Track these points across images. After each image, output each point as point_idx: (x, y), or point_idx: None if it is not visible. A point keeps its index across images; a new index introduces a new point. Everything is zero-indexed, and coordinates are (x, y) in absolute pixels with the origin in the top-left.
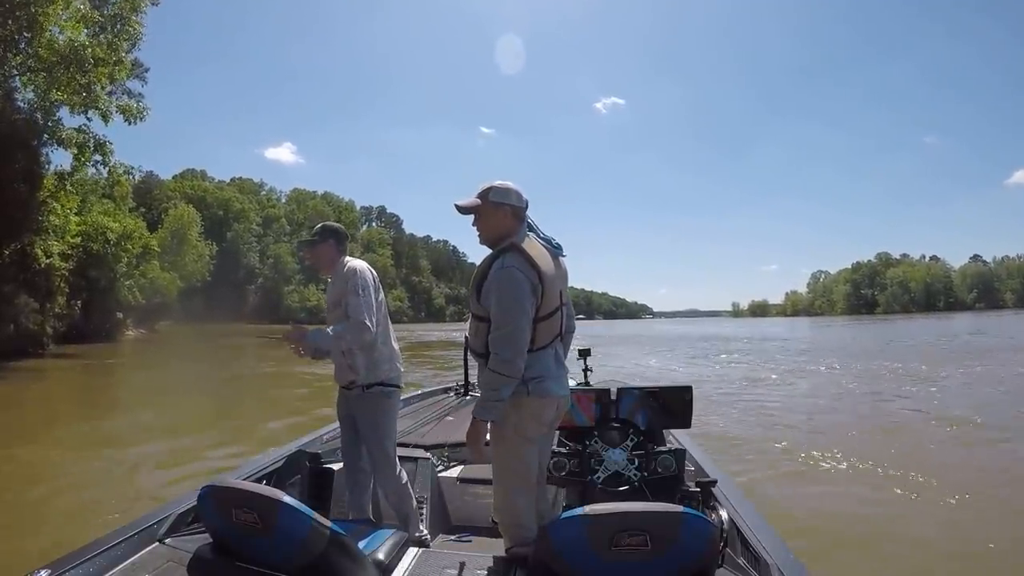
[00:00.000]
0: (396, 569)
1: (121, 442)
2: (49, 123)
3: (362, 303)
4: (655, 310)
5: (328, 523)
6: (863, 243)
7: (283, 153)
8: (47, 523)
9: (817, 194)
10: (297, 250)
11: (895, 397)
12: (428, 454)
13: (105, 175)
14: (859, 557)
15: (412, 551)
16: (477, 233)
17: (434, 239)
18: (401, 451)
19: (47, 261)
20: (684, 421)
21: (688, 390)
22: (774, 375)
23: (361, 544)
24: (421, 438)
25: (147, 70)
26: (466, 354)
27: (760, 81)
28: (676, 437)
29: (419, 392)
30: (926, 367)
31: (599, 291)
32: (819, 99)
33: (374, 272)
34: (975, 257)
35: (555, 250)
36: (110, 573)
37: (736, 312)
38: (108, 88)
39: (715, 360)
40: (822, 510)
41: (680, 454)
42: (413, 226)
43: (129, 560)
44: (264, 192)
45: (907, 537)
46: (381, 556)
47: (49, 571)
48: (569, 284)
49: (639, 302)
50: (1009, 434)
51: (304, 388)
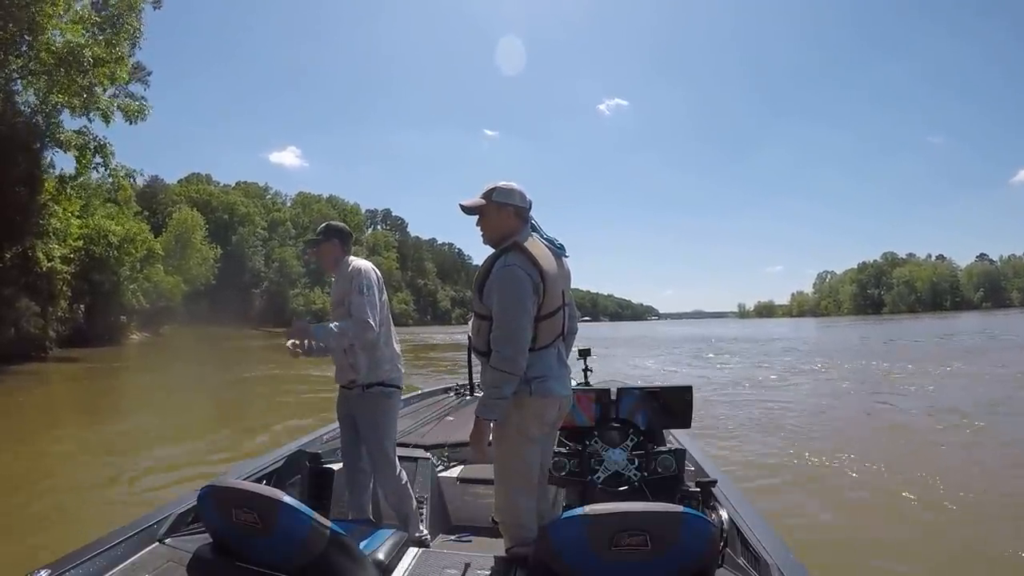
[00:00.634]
0: (396, 569)
1: (123, 445)
2: (50, 126)
3: (365, 302)
4: (661, 311)
5: (328, 523)
6: (868, 244)
7: (287, 157)
8: (48, 524)
9: (821, 195)
10: (302, 251)
11: (899, 396)
12: (428, 454)
13: (107, 178)
14: (859, 557)
15: (412, 551)
16: (481, 233)
17: (439, 242)
18: (401, 451)
19: (49, 264)
20: (684, 421)
21: (688, 390)
22: (788, 376)
23: (361, 544)
24: (421, 438)
25: (149, 73)
26: (470, 354)
27: (764, 82)
28: (676, 437)
29: (419, 392)
30: (932, 367)
31: (604, 293)
32: (823, 100)
33: (378, 272)
34: (981, 256)
35: (558, 250)
36: (110, 573)
37: (742, 313)
38: (110, 90)
39: (715, 361)
40: (822, 510)
41: (680, 454)
42: (418, 229)
43: (129, 560)
44: (269, 196)
45: (907, 537)
46: (381, 556)
47: (49, 571)
48: (574, 286)
49: (645, 304)
50: (1011, 434)
51: (305, 386)
